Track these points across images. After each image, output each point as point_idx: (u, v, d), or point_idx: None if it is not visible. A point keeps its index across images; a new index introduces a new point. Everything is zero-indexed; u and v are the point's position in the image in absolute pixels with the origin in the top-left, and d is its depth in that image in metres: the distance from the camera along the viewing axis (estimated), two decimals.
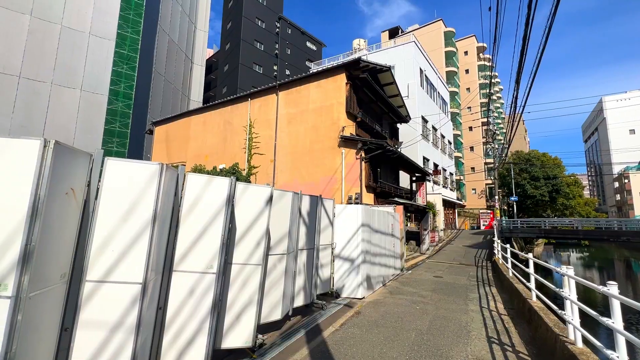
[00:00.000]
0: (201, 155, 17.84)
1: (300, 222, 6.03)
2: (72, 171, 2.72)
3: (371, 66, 14.17)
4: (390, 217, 10.33)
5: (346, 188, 12.60)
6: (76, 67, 22.70)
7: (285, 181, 14.28)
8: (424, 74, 26.08)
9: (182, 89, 33.20)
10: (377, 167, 14.11)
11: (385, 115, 17.86)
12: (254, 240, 4.40)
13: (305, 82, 14.79)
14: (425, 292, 8.34)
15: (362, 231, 7.71)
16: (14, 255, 2.24)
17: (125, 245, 2.97)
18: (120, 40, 24.56)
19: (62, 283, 2.74)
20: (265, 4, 42.54)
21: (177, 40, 31.81)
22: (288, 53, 44.64)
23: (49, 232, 2.48)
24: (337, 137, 13.11)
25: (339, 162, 12.95)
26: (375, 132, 15.70)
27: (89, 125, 22.76)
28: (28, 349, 2.37)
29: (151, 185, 3.09)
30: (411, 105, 22.29)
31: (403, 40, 26.57)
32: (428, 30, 42.14)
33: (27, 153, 2.37)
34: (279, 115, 15.18)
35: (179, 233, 3.70)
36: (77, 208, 2.85)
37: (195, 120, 18.99)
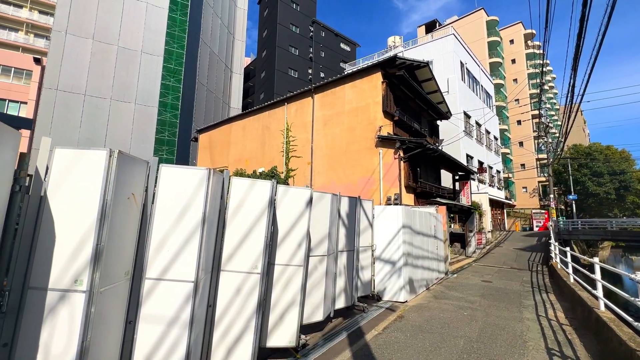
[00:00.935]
0: (242, 160, 18.59)
1: (340, 223, 6.02)
2: (132, 178, 2.98)
3: (408, 63, 13.78)
4: (432, 218, 9.93)
5: (385, 189, 12.35)
6: (131, 83, 24.91)
7: (323, 183, 14.36)
8: (464, 67, 24.79)
9: (222, 97, 34.94)
10: (416, 167, 13.65)
11: (424, 112, 17.25)
12: (295, 242, 4.47)
13: (340, 84, 14.78)
14: (473, 297, 7.88)
15: (403, 233, 7.49)
16: (87, 255, 2.50)
17: (179, 246, 3.18)
18: (168, 55, 26.50)
19: (126, 280, 3.00)
20: (299, 10, 43.35)
21: (217, 52, 33.57)
22: (322, 56, 45.02)
23: (115, 234, 2.73)
24: (374, 137, 12.91)
25: (376, 162, 12.74)
26: (414, 130, 15.21)
27: (142, 135, 24.84)
28: (100, 339, 2.63)
29: (200, 190, 3.28)
30: (452, 101, 21.29)
31: (441, 34, 25.48)
32: (468, 21, 40.01)
33: (96, 162, 2.64)
34: (315, 118, 15.34)
35: (225, 234, 3.88)
36: (137, 211, 3.11)
37: (236, 126, 19.85)
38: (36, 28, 33.52)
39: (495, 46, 41.63)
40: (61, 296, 2.45)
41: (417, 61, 14.82)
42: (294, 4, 43.13)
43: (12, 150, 2.36)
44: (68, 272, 2.48)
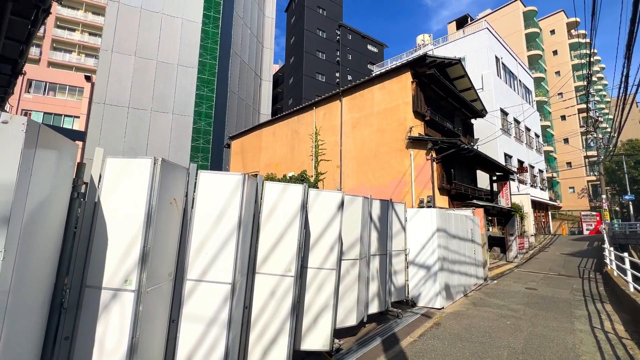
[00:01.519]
0: (272, 164, 18.99)
1: (372, 227, 5.94)
2: (174, 184, 3.15)
3: (438, 61, 13.36)
4: (468, 221, 9.49)
5: (417, 191, 12.01)
6: (168, 94, 26.47)
7: (352, 186, 14.27)
8: (500, 62, 23.56)
9: (253, 104, 36.02)
10: (450, 168, 13.13)
11: (457, 111, 16.60)
12: (327, 245, 4.47)
13: (368, 86, 14.65)
14: (516, 305, 7.40)
15: (438, 236, 7.23)
16: (135, 256, 2.68)
17: (217, 249, 3.30)
18: (201, 66, 27.84)
19: (169, 281, 3.17)
20: (326, 15, 43.73)
21: (247, 61, 34.73)
22: (349, 59, 44.99)
23: (159, 237, 2.90)
24: (405, 138, 12.63)
25: (407, 164, 12.44)
26: (447, 130, 14.67)
27: (179, 144, 26.24)
28: (147, 336, 2.80)
29: (236, 194, 3.39)
30: (487, 98, 20.30)
31: (473, 29, 24.45)
32: (503, 13, 38.09)
33: (142, 170, 2.82)
34: (343, 121, 15.31)
35: (259, 238, 3.97)
36: (179, 216, 3.28)
37: (266, 132, 20.35)
38: (87, 48, 36.76)
39: (534, 38, 39.19)
40: (113, 295, 2.64)
41: (448, 58, 14.32)
42: (321, 9, 43.60)
43: (71, 161, 2.59)
44: (119, 273, 2.67)
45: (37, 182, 2.11)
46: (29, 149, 2.00)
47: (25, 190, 1.99)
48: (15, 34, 3.79)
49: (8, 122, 1.89)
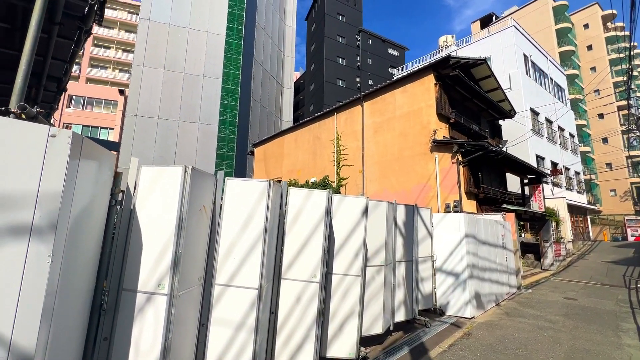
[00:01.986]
0: (294, 171, 19.18)
1: (397, 232, 5.83)
2: (203, 191, 3.26)
3: (462, 62, 13.02)
4: (499, 227, 9.08)
5: (442, 196, 11.67)
6: (195, 105, 27.54)
7: (375, 191, 14.10)
8: (528, 61, 22.59)
9: (275, 112, 36.70)
10: (477, 171, 12.67)
11: (483, 112, 16.05)
12: (352, 251, 4.43)
13: (390, 90, 14.51)
14: (554, 316, 6.95)
15: (466, 242, 6.97)
16: (168, 261, 2.78)
17: (244, 254, 3.36)
18: (225, 77, 28.79)
19: (199, 285, 3.26)
20: (345, 21, 44.00)
21: (269, 69, 35.52)
22: (370, 63, 44.87)
23: (190, 242, 3.00)
24: (429, 141, 12.35)
25: (432, 168, 12.14)
26: (473, 132, 14.20)
27: (205, 152, 27.16)
28: (179, 339, 2.88)
29: (262, 201, 3.45)
30: (515, 98, 19.50)
31: (499, 27, 23.66)
32: (531, 9, 36.63)
33: (173, 178, 2.94)
34: (365, 126, 15.23)
35: (285, 243, 4.01)
36: (207, 222, 3.38)
37: (288, 138, 20.63)
38: (120, 64, 39.14)
39: (565, 33, 37.32)
40: (147, 298, 2.75)
41: (473, 59, 13.93)
42: (340, 16, 43.93)
43: (110, 170, 2.75)
44: (153, 277, 2.78)
45: (80, 190, 2.25)
46: (74, 160, 2.14)
47: (70, 198, 2.13)
48: (60, 54, 4.12)
49: (56, 136, 2.04)
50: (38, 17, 2.44)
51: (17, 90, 2.33)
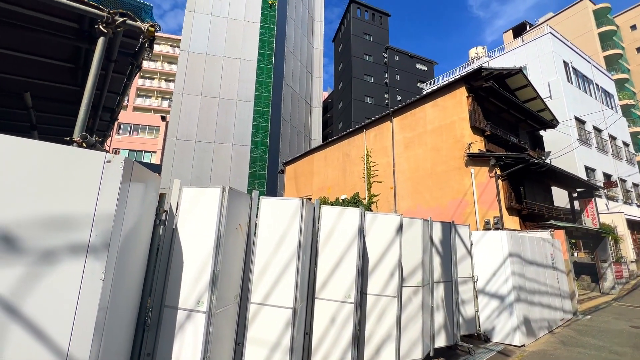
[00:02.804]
0: (324, 188, 19.26)
1: (433, 251, 5.58)
2: (239, 210, 3.36)
3: (496, 73, 12.60)
4: (547, 245, 8.37)
5: (481, 212, 11.06)
6: (229, 127, 28.96)
7: (408, 207, 13.71)
8: (569, 67, 21.36)
9: (304, 131, 37.53)
10: (519, 185, 11.92)
11: (521, 123, 15.26)
12: (387, 271, 4.29)
13: (420, 104, 14.33)
14: (620, 347, 6.15)
15: (511, 262, 6.48)
16: (206, 279, 2.86)
17: (278, 273, 3.38)
18: (257, 100, 30.13)
19: (235, 303, 3.31)
20: (372, 40, 44.72)
21: (298, 90, 36.70)
22: (398, 79, 44.86)
23: (227, 261, 3.08)
24: (463, 155, 11.90)
25: (468, 182, 11.62)
26: (511, 144, 13.49)
27: (238, 171, 28.20)
28: (216, 357, 2.91)
29: (295, 219, 3.48)
30: (557, 107, 18.38)
31: (534, 35, 22.76)
32: (568, 15, 35.01)
33: (212, 198, 3.08)
34: (395, 141, 15.06)
35: (318, 262, 3.98)
36: (243, 240, 3.46)
37: (317, 156, 20.89)
38: (163, 93, 42.48)
39: (610, 36, 35.06)
40: (187, 315, 2.84)
41: (507, 69, 13.43)
42: (367, 35, 44.77)
43: (155, 192, 2.94)
44: (192, 294, 2.87)
45: (130, 211, 2.42)
46: (125, 183, 2.31)
47: (121, 218, 2.29)
48: (114, 88, 4.57)
49: (111, 162, 2.23)
50: (99, 57, 2.76)
51: (80, 122, 2.61)
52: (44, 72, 4.20)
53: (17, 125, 5.59)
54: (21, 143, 2.01)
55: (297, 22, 36.31)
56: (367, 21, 45.33)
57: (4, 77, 4.25)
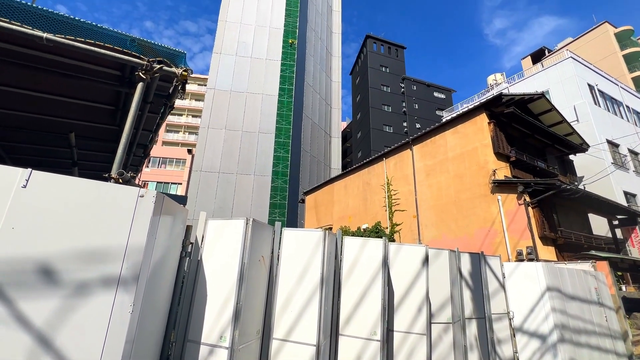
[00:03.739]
0: (345, 217, 19.06)
1: (463, 284, 5.28)
2: (262, 242, 3.38)
3: (517, 98, 12.47)
4: (589, 278, 7.70)
5: (512, 241, 10.46)
6: (251, 158, 29.90)
7: (433, 237, 13.21)
8: (595, 90, 20.81)
9: (324, 160, 38.04)
10: (551, 213, 11.27)
11: (548, 148, 14.75)
12: (414, 306, 4.08)
13: (440, 132, 14.28)
14: None
15: (550, 297, 5.98)
16: (229, 313, 2.84)
17: (301, 307, 3.30)
18: (278, 132, 31.19)
19: (257, 338, 3.23)
20: (389, 71, 46.01)
21: (318, 122, 37.75)
22: (416, 108, 45.30)
23: (249, 294, 3.05)
24: (488, 182, 11.53)
25: (495, 210, 11.14)
26: (539, 169, 12.98)
27: (259, 201, 28.63)
28: None
29: (317, 251, 3.45)
30: (586, 130, 17.71)
31: (554, 60, 22.61)
32: (588, 39, 34.74)
33: (236, 230, 3.13)
34: (416, 169, 14.90)
35: (341, 295, 3.86)
36: (266, 273, 3.45)
37: (337, 185, 20.93)
38: (190, 128, 44.99)
39: (636, 58, 34.18)
40: (210, 350, 2.79)
41: (529, 94, 13.27)
42: (383, 67, 46.16)
43: (182, 224, 3.03)
44: (215, 328, 2.84)
45: (159, 244, 2.50)
46: (155, 216, 2.41)
47: (150, 251, 2.36)
48: (148, 126, 4.91)
49: (144, 196, 2.35)
50: (137, 101, 3.01)
51: (117, 159, 2.81)
52: (87, 114, 4.61)
53: (60, 162, 6.07)
54: (66, 181, 2.18)
55: (315, 58, 38.18)
56: (383, 54, 46.96)
57: (53, 120, 4.69)
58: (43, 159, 6.06)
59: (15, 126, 4.83)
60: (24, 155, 5.88)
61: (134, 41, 3.02)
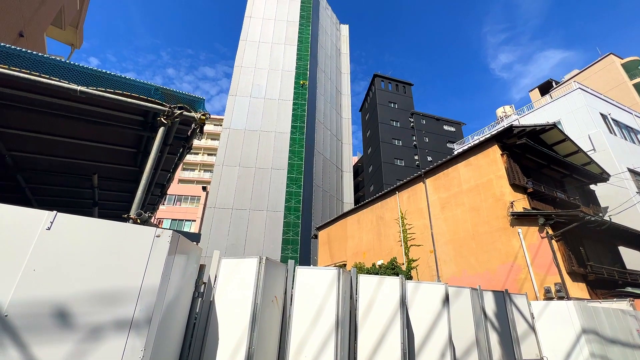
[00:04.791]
0: (359, 253, 18.57)
1: (488, 326, 4.92)
2: (275, 281, 3.31)
3: (529, 129, 12.45)
4: (628, 319, 7.07)
5: (538, 277, 9.85)
6: (263, 194, 30.22)
7: (452, 273, 12.61)
8: (608, 119, 20.63)
9: (336, 195, 38.04)
10: (577, 246, 10.68)
11: (566, 178, 14.37)
12: (437, 350, 3.81)
13: (452, 164, 14.22)
14: None
15: (587, 340, 5.48)
16: (241, 358, 2.72)
17: (316, 351, 3.13)
18: (290, 167, 31.75)
19: None
20: (397, 107, 47.26)
21: (329, 157, 38.39)
22: (426, 141, 45.69)
23: (262, 337, 2.94)
24: (506, 215, 11.18)
25: (517, 244, 10.65)
26: (559, 200, 12.55)
27: (272, 237, 28.41)
28: None
29: (332, 290, 3.34)
30: (604, 159, 17.29)
31: (562, 91, 22.83)
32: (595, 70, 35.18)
33: (249, 268, 3.09)
34: (430, 202, 14.66)
35: (358, 339, 3.66)
36: (279, 314, 3.33)
37: (350, 220, 20.68)
38: (205, 165, 46.41)
39: None
40: None
41: (540, 125, 13.26)
42: (392, 104, 47.51)
43: (196, 263, 3.03)
44: None
45: (172, 285, 2.49)
46: (170, 256, 2.43)
47: (164, 293, 2.35)
48: (166, 166, 5.12)
49: (160, 236, 2.39)
50: (158, 144, 3.19)
51: (137, 200, 2.91)
52: (111, 157, 4.87)
53: (82, 202, 6.30)
54: (88, 222, 2.25)
55: (326, 97, 39.81)
56: (391, 91, 48.59)
57: (79, 162, 4.96)
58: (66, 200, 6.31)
59: (43, 169, 5.12)
60: (49, 197, 6.15)
61: (158, 90, 3.26)
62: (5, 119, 3.86)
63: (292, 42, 36.78)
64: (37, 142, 4.35)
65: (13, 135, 4.16)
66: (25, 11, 8.15)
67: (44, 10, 9.31)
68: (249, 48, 35.66)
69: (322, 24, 42.72)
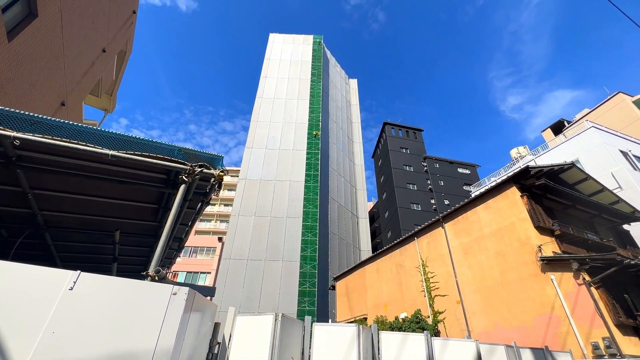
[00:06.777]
0: (380, 305, 17.48)
1: None
2: (291, 339, 3.15)
3: (546, 170, 12.24)
4: None
5: (581, 331, 8.86)
6: (279, 244, 29.87)
7: (484, 327, 11.54)
8: (629, 156, 20.11)
9: (352, 242, 37.13)
10: (621, 293, 9.73)
11: (595, 218, 13.64)
12: None
13: (470, 207, 13.87)
14: None
15: None
16: None
17: None
18: (305, 216, 31.70)
19: None
20: (409, 152, 47.96)
21: (344, 204, 38.32)
22: (442, 184, 45.29)
23: None
24: (535, 260, 10.50)
25: (551, 292, 9.82)
26: (590, 243, 11.78)
27: (287, 289, 27.38)
28: None
29: (352, 350, 3.13)
30: (634, 197, 16.48)
31: (576, 131, 22.76)
32: (606, 108, 35.29)
33: (264, 326, 2.97)
34: (452, 248, 14.03)
35: None
36: None
37: (369, 269, 19.86)
38: (221, 216, 47.01)
39: None
40: None
41: (557, 165, 13.03)
42: (404, 149, 48.33)
43: (211, 321, 2.95)
44: None
45: (186, 345, 2.41)
46: (186, 314, 2.40)
47: (177, 354, 2.27)
48: (184, 220, 5.25)
49: (177, 294, 2.39)
50: (179, 201, 3.34)
51: (156, 257, 2.96)
52: (133, 213, 5.07)
53: (102, 258, 6.42)
54: (109, 281, 2.30)
55: (338, 146, 41.07)
56: (402, 137, 49.78)
57: (102, 219, 5.17)
58: (87, 256, 6.46)
59: (69, 227, 5.36)
60: (72, 253, 6.33)
61: (181, 150, 3.51)
62: (41, 181, 4.18)
63: (304, 96, 39.19)
64: (67, 201, 4.62)
65: (47, 196, 4.45)
66: (69, 84, 9.23)
67: (85, 82, 10.52)
68: (265, 104, 38.15)
69: (332, 79, 45.80)
